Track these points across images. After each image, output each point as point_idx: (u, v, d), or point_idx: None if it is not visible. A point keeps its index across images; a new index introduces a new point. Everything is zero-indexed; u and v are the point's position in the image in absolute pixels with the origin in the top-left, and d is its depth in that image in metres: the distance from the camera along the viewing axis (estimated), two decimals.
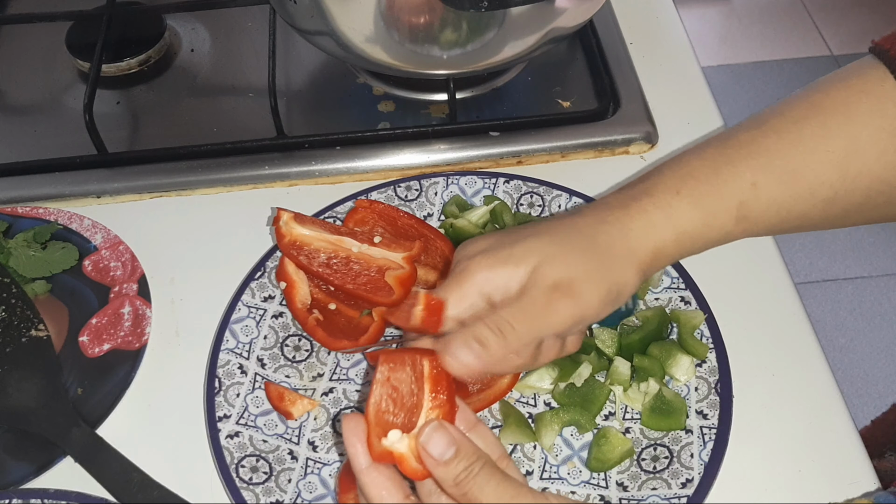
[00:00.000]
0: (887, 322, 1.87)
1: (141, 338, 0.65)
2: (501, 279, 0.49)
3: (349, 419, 0.46)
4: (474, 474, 0.44)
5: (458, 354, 0.47)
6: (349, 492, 0.53)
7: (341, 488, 0.55)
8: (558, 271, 0.48)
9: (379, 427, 0.46)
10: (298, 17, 0.74)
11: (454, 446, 0.45)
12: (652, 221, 0.50)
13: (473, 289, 0.49)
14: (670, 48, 0.88)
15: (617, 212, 0.51)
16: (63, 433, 0.60)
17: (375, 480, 0.45)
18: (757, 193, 0.51)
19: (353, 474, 0.47)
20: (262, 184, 0.77)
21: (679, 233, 0.51)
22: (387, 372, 0.48)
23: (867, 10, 2.55)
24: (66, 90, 0.87)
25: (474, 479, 0.44)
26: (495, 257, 0.49)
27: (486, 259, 0.49)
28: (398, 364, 0.48)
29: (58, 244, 0.70)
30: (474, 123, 0.79)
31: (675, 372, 0.60)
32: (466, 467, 0.44)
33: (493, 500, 0.44)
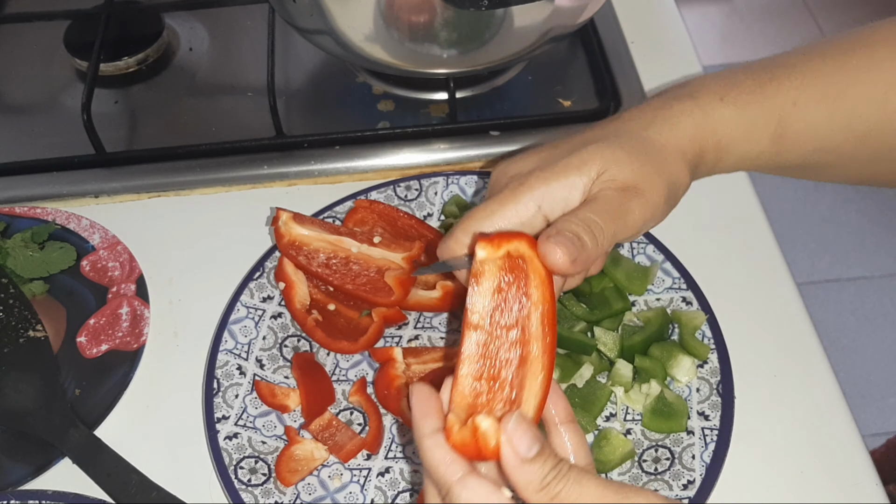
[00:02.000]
0: (889, 323, 1.87)
1: (139, 338, 0.65)
2: (562, 191, 0.47)
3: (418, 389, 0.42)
4: (564, 474, 0.39)
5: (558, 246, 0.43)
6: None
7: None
8: (623, 174, 0.47)
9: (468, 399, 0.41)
10: (298, 15, 0.74)
11: (538, 443, 0.39)
12: (695, 123, 0.50)
13: (532, 203, 0.46)
14: (671, 47, 0.88)
15: (662, 111, 0.51)
16: (61, 434, 0.59)
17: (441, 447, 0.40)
18: (796, 112, 0.51)
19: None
20: (261, 183, 0.77)
21: (719, 138, 0.51)
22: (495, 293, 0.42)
23: (869, 9, 2.54)
24: (64, 89, 0.87)
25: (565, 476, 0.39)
26: (552, 170, 0.47)
27: (545, 172, 0.47)
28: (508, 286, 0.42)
29: (56, 244, 0.70)
30: (474, 123, 0.79)
31: (677, 373, 0.60)
32: (554, 466, 0.39)
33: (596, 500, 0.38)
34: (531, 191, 0.47)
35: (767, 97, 0.51)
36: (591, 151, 0.48)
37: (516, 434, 0.39)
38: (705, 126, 0.50)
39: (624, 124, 0.51)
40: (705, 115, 0.51)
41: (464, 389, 0.42)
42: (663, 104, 0.51)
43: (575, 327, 0.63)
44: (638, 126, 0.50)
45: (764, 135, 0.52)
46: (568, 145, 0.50)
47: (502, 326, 0.43)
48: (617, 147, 0.48)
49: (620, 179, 0.47)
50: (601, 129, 0.51)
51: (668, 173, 0.49)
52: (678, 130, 0.50)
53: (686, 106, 0.51)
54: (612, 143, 0.48)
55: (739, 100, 0.51)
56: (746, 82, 0.52)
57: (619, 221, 0.46)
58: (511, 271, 0.44)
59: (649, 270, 0.65)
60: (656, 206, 0.48)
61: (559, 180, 0.47)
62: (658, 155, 0.49)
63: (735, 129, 0.51)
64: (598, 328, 0.62)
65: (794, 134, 0.52)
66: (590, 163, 0.47)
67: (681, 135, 0.50)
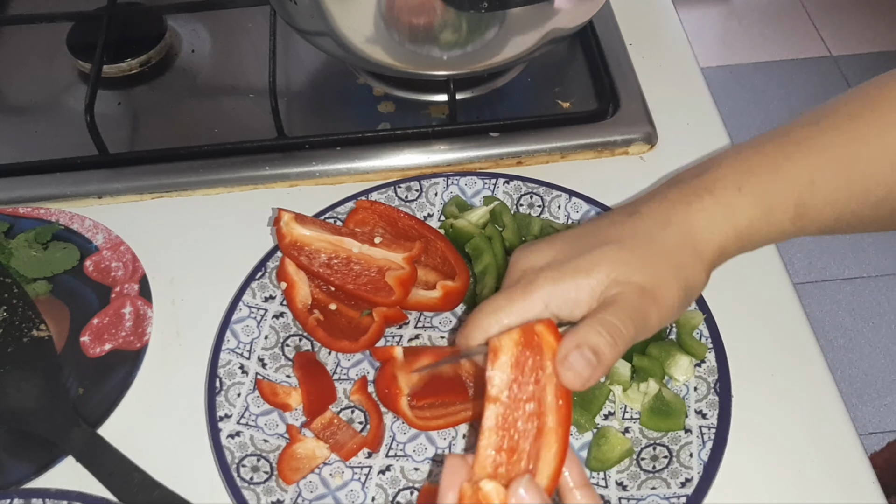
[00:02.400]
0: (886, 322, 1.87)
1: (142, 338, 0.65)
2: (569, 293, 0.47)
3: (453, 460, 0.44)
4: None
5: (576, 367, 0.44)
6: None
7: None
8: (638, 277, 0.47)
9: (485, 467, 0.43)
10: (299, 17, 0.74)
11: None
12: (715, 221, 0.50)
13: (540, 302, 0.47)
14: (670, 49, 0.88)
15: (680, 210, 0.50)
16: (64, 433, 0.60)
17: None
18: (814, 191, 0.51)
19: None
20: (263, 184, 0.77)
21: (740, 231, 0.51)
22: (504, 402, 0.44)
23: (867, 10, 2.55)
24: (66, 91, 0.87)
25: None
26: (561, 271, 0.48)
27: (552, 272, 0.48)
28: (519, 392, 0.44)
29: (59, 244, 0.71)
30: (474, 124, 0.80)
31: (675, 372, 0.60)
32: None
33: None
34: (539, 290, 0.47)
35: (784, 180, 0.51)
36: (601, 255, 0.48)
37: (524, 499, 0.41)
38: (726, 221, 0.50)
39: (640, 223, 0.50)
40: (724, 211, 0.50)
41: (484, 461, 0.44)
42: (681, 199, 0.50)
43: None
44: (654, 226, 0.49)
45: (784, 218, 0.51)
46: (582, 243, 0.49)
47: (520, 399, 0.45)
48: (629, 251, 0.48)
49: (637, 282, 0.47)
50: (618, 227, 0.50)
51: (683, 277, 0.48)
52: (696, 232, 0.49)
53: (705, 203, 0.50)
54: (624, 246, 0.48)
55: (757, 188, 0.51)
56: (762, 165, 0.51)
57: (641, 324, 0.46)
58: (527, 346, 0.45)
59: None
60: (671, 311, 0.48)
61: (567, 282, 0.47)
62: (673, 260, 0.48)
63: (754, 218, 0.51)
64: None
65: (813, 212, 0.52)
66: (598, 266, 0.47)
67: (699, 237, 0.49)
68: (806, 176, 0.51)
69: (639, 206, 0.51)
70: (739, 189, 0.51)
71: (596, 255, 0.48)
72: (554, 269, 0.48)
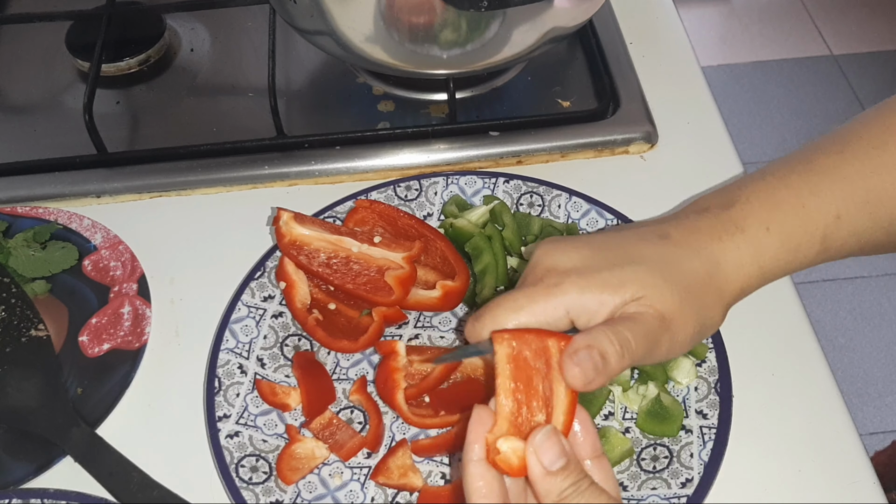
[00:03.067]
0: (886, 322, 1.87)
1: (141, 337, 0.65)
2: (592, 304, 0.47)
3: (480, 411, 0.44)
4: (582, 490, 0.41)
5: (583, 365, 0.44)
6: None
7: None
8: (661, 304, 0.47)
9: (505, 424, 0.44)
10: (298, 16, 0.74)
11: (565, 457, 0.42)
12: (742, 261, 0.50)
13: (562, 308, 0.47)
14: (670, 48, 0.88)
15: (709, 244, 0.50)
16: (63, 433, 0.60)
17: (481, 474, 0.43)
18: (840, 225, 0.52)
19: None
20: (262, 184, 0.77)
21: (764, 269, 0.51)
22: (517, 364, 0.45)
23: (867, 10, 2.55)
24: (65, 90, 0.87)
25: (581, 494, 0.41)
26: (588, 280, 0.47)
27: (580, 280, 0.47)
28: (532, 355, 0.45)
29: (57, 244, 0.71)
30: (474, 123, 0.79)
31: (677, 375, 0.60)
32: (575, 482, 0.42)
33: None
34: (564, 295, 0.47)
35: (811, 217, 0.51)
36: (632, 274, 0.48)
37: (543, 447, 0.42)
38: (753, 260, 0.50)
39: (671, 249, 0.50)
40: (752, 249, 0.50)
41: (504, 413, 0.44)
42: (712, 234, 0.50)
43: None
44: (684, 256, 0.49)
45: (809, 251, 0.52)
46: (610, 255, 0.49)
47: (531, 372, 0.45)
48: (659, 276, 0.48)
49: (658, 308, 0.47)
50: (648, 246, 0.50)
51: (702, 315, 0.49)
52: (722, 270, 0.50)
53: (736, 242, 0.50)
54: (654, 269, 0.48)
55: (785, 226, 0.51)
56: (789, 201, 0.52)
57: (650, 349, 0.47)
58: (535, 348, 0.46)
59: None
60: (682, 345, 0.48)
61: (593, 293, 0.47)
62: (697, 293, 0.49)
63: (780, 257, 0.51)
64: None
65: (838, 244, 0.52)
66: (628, 285, 0.47)
67: (723, 275, 0.50)
68: (832, 210, 0.52)
69: (668, 229, 0.51)
70: (768, 229, 0.51)
71: (627, 273, 0.47)
72: (582, 276, 0.47)
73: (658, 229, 0.51)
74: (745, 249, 0.50)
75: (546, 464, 0.42)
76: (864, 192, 0.52)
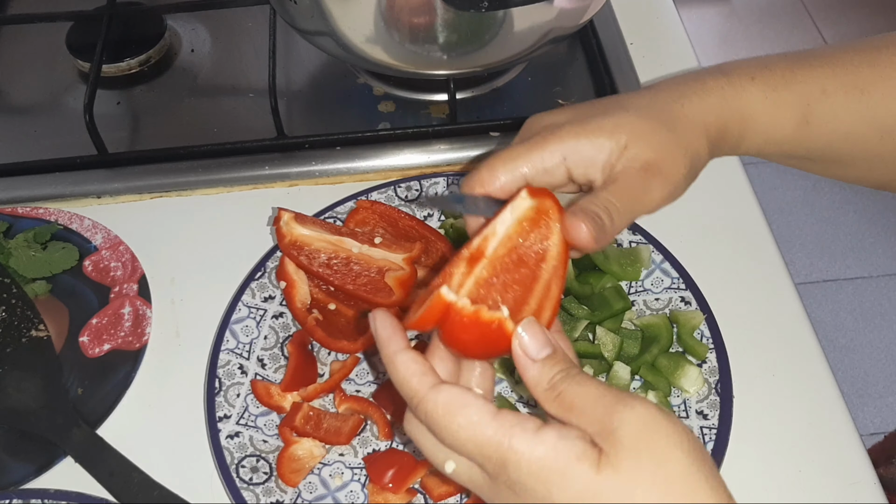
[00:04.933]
0: (887, 322, 1.87)
1: (141, 338, 0.65)
2: (589, 149, 0.48)
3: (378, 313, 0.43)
4: (573, 375, 0.40)
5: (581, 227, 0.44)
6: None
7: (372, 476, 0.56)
8: (646, 152, 0.48)
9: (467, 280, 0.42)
10: (298, 17, 0.74)
11: (550, 346, 0.41)
12: (724, 97, 0.51)
13: (559, 153, 0.48)
14: (670, 48, 0.88)
15: (694, 85, 0.52)
16: (63, 433, 0.60)
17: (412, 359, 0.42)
18: (824, 99, 0.53)
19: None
20: (263, 184, 0.77)
21: (745, 116, 0.52)
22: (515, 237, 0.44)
23: (867, 10, 2.55)
24: (66, 90, 0.87)
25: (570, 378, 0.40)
26: (583, 127, 0.48)
27: (576, 127, 0.48)
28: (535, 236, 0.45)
29: (58, 244, 0.70)
30: (474, 123, 0.79)
31: (684, 383, 0.60)
32: (564, 368, 0.41)
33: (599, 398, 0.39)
34: (560, 141, 0.48)
35: (797, 81, 0.53)
36: (620, 119, 0.49)
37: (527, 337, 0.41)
38: (733, 102, 0.52)
39: (657, 95, 0.52)
40: (734, 91, 0.52)
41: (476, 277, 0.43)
42: (696, 79, 0.53)
43: (577, 328, 0.63)
44: (670, 98, 0.51)
45: (790, 118, 0.53)
46: (602, 106, 0.51)
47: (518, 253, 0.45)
48: (645, 120, 0.49)
49: (643, 158, 0.48)
50: (636, 97, 0.52)
51: (691, 149, 0.50)
52: (705, 105, 0.51)
53: (719, 82, 0.52)
54: (642, 114, 0.49)
55: (770, 81, 0.52)
56: (779, 65, 0.53)
57: (638, 202, 0.48)
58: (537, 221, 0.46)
59: (639, 252, 0.66)
60: (677, 184, 0.49)
61: (589, 138, 0.48)
62: (683, 129, 0.50)
63: (762, 109, 0.52)
64: (600, 328, 0.63)
65: (819, 121, 0.53)
66: (620, 129, 0.48)
67: (707, 109, 0.51)
68: (819, 83, 0.53)
69: (657, 84, 0.53)
70: (752, 78, 0.52)
71: (620, 118, 0.49)
72: (576, 124, 0.49)
73: (650, 85, 0.53)
74: (728, 90, 0.52)
75: (532, 353, 0.41)
76: (854, 77, 0.53)
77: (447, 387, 0.40)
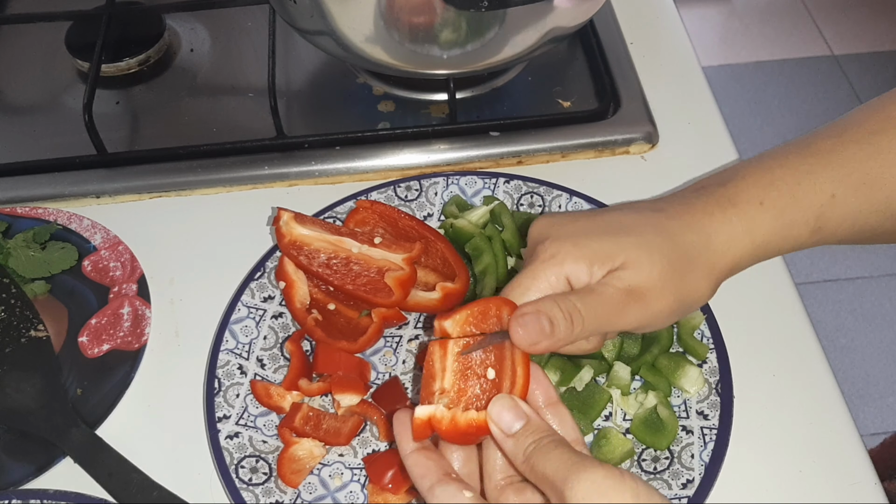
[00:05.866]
0: (888, 322, 1.87)
1: (140, 338, 0.65)
2: (584, 273, 0.49)
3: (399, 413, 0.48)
4: (543, 446, 0.43)
5: (528, 327, 0.47)
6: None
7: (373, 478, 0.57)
8: (635, 278, 0.49)
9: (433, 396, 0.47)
10: (298, 16, 0.74)
11: (523, 419, 0.45)
12: (735, 234, 0.51)
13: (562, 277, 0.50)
14: (671, 48, 0.88)
15: (702, 219, 0.51)
16: (62, 434, 0.60)
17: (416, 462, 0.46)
18: (835, 205, 0.52)
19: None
20: (262, 184, 0.77)
21: (757, 244, 0.52)
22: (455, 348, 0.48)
23: (868, 10, 2.55)
24: (65, 90, 0.87)
25: (541, 450, 0.43)
26: (583, 250, 0.50)
27: (575, 250, 0.50)
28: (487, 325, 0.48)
29: (57, 244, 0.70)
30: (474, 123, 0.79)
31: (685, 383, 0.60)
32: (536, 440, 0.44)
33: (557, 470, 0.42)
34: (560, 266, 0.49)
35: (805, 194, 0.52)
36: (622, 245, 0.49)
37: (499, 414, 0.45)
38: (746, 235, 0.51)
39: (664, 221, 0.51)
40: (744, 224, 0.51)
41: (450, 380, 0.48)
42: (705, 209, 0.52)
43: None
44: (676, 228, 0.51)
45: (803, 230, 0.52)
46: (605, 223, 0.51)
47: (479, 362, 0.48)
48: (646, 247, 0.49)
49: (629, 282, 0.49)
50: (643, 217, 0.51)
51: (684, 288, 0.50)
52: (713, 244, 0.51)
53: (728, 215, 0.51)
54: (642, 241, 0.50)
55: (778, 202, 0.52)
56: (785, 179, 0.52)
57: (609, 319, 0.48)
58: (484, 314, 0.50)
59: None
60: (657, 315, 0.50)
61: (585, 262, 0.49)
62: (684, 266, 0.50)
63: (773, 232, 0.52)
64: None
65: (833, 225, 0.53)
66: (616, 258, 0.49)
67: (714, 248, 0.51)
68: (827, 190, 0.52)
69: (663, 204, 0.53)
70: (762, 203, 0.52)
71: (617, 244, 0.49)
72: (576, 247, 0.50)
73: (653, 204, 0.53)
74: (738, 223, 0.51)
75: (504, 428, 0.45)
76: (861, 174, 0.52)
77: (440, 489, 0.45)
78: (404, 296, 0.64)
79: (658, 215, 0.52)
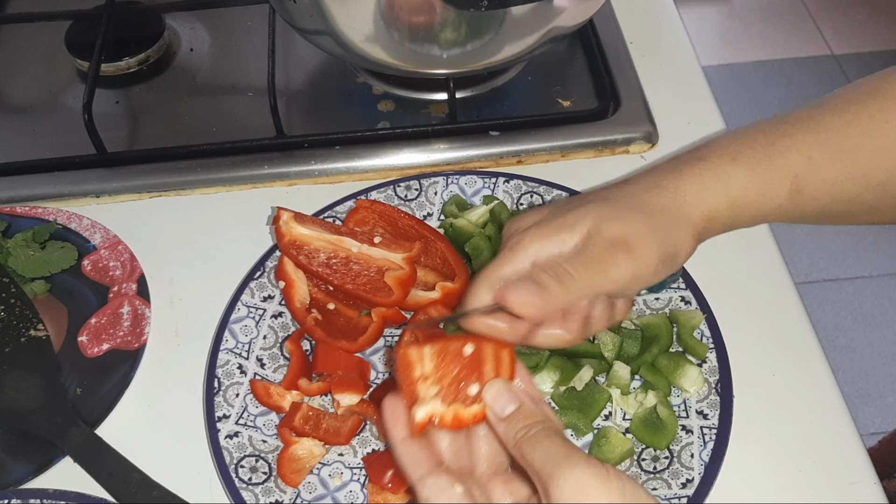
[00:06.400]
0: (887, 322, 1.87)
1: (140, 338, 0.65)
2: (555, 247, 0.49)
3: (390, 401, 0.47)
4: (531, 435, 0.44)
5: (518, 291, 0.46)
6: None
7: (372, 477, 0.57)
8: (615, 229, 0.48)
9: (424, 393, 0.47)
10: (298, 16, 0.74)
11: (516, 402, 0.46)
12: (706, 185, 0.50)
13: (527, 259, 0.49)
14: (670, 48, 0.88)
15: (669, 175, 0.51)
16: (62, 433, 0.60)
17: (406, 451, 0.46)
18: (812, 168, 0.51)
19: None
20: (262, 183, 0.77)
21: (732, 199, 0.51)
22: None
23: (867, 9, 2.55)
24: (65, 90, 0.87)
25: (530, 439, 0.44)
26: (546, 227, 0.49)
27: (539, 230, 0.49)
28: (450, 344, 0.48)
29: (57, 244, 0.70)
30: (474, 123, 0.79)
31: (684, 383, 0.60)
32: (525, 425, 0.44)
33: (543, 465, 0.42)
34: (525, 249, 0.49)
35: (781, 154, 0.51)
36: (585, 211, 0.49)
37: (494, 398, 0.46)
38: (719, 188, 0.50)
39: (625, 187, 0.51)
40: (716, 177, 0.50)
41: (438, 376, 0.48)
42: (672, 169, 0.51)
43: None
44: (639, 188, 0.51)
45: (780, 190, 0.51)
46: (567, 205, 0.51)
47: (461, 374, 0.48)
48: (612, 206, 0.49)
49: (608, 235, 0.48)
50: (603, 190, 0.52)
51: (663, 235, 0.49)
52: (684, 196, 0.50)
53: (697, 169, 0.51)
54: (607, 203, 0.50)
55: (752, 159, 0.51)
56: (758, 140, 0.52)
57: (599, 274, 0.48)
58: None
59: None
60: (646, 264, 0.48)
61: (551, 238, 0.49)
62: (657, 218, 0.49)
63: (749, 188, 0.51)
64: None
65: (811, 189, 0.52)
66: (581, 221, 0.49)
67: (686, 200, 0.50)
68: (804, 151, 0.51)
69: (635, 175, 0.53)
70: (734, 159, 0.51)
71: (581, 211, 0.49)
72: (541, 226, 0.50)
73: (624, 178, 0.53)
74: (708, 177, 0.50)
75: (498, 411, 0.46)
76: (840, 140, 0.52)
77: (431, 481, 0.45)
78: (404, 295, 0.64)
79: (623, 183, 0.52)
